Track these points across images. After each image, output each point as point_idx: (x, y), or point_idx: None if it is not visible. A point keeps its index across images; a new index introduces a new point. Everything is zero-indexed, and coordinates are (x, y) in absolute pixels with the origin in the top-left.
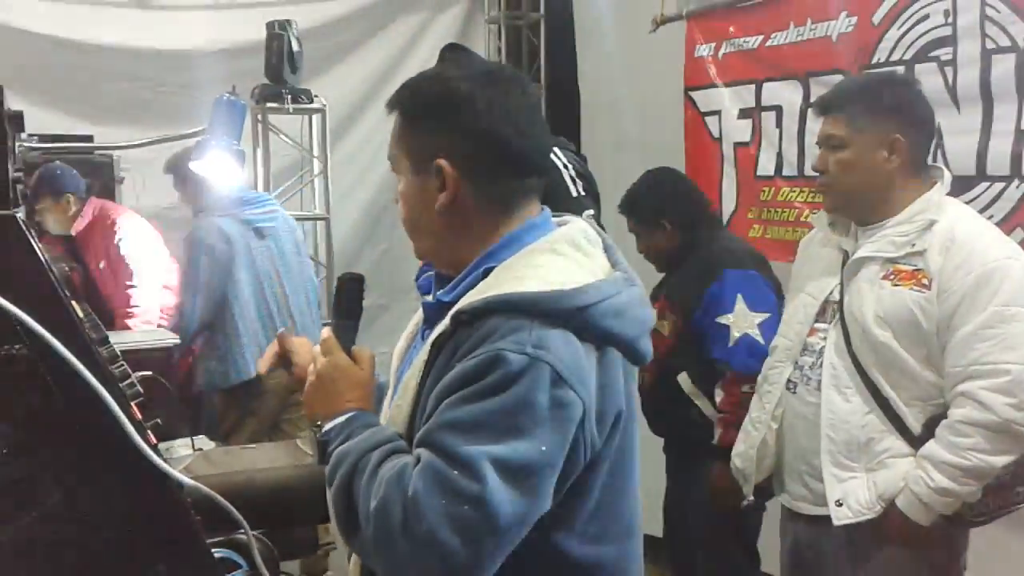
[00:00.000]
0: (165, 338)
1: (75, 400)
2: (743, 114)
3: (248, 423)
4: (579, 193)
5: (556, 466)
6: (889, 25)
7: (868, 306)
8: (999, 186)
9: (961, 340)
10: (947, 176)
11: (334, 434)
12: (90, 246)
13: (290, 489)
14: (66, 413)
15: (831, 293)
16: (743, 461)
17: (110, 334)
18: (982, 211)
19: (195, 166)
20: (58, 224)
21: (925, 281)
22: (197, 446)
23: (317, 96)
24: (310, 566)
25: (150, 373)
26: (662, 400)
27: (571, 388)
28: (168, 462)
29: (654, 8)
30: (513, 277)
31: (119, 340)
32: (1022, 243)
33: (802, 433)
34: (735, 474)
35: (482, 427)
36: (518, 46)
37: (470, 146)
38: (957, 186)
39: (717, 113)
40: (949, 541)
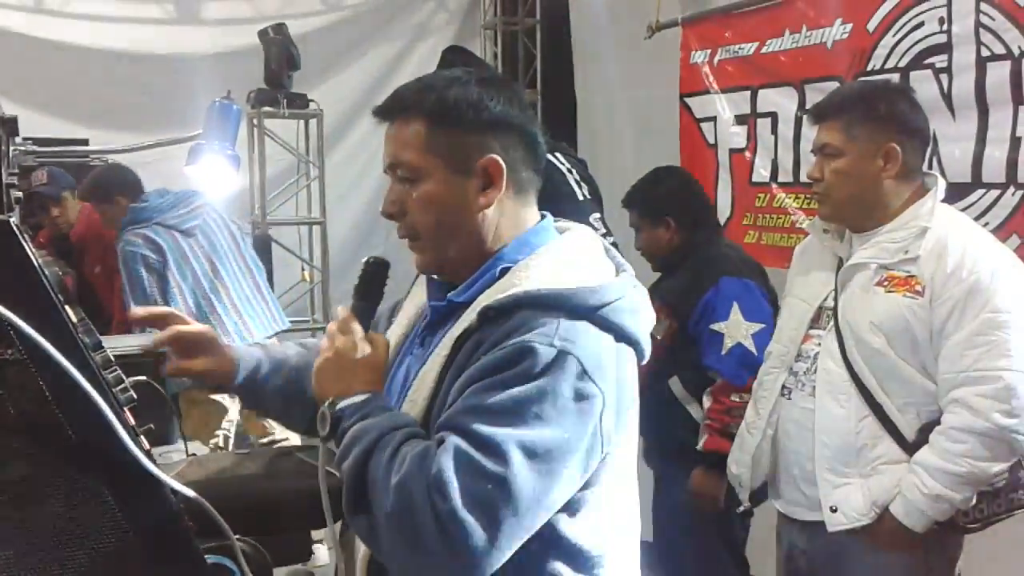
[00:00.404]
0: None
1: (68, 405)
2: (738, 120)
3: (212, 423)
4: (585, 197)
5: (578, 454)
6: (884, 32)
7: (862, 312)
8: (995, 193)
9: (954, 347)
10: (941, 183)
11: (350, 412)
12: (86, 250)
13: (284, 494)
14: (59, 418)
15: (825, 299)
16: (739, 467)
17: (104, 339)
18: (977, 218)
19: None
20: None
21: (918, 288)
22: (191, 451)
23: (313, 101)
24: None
25: (144, 378)
26: (651, 402)
27: (593, 381)
28: (161, 467)
29: (650, 14)
30: (534, 276)
31: (113, 345)
32: (1017, 250)
33: (797, 439)
34: (731, 480)
35: (508, 413)
36: (514, 52)
37: (513, 140)
38: (953, 193)
39: (712, 119)
40: (943, 547)
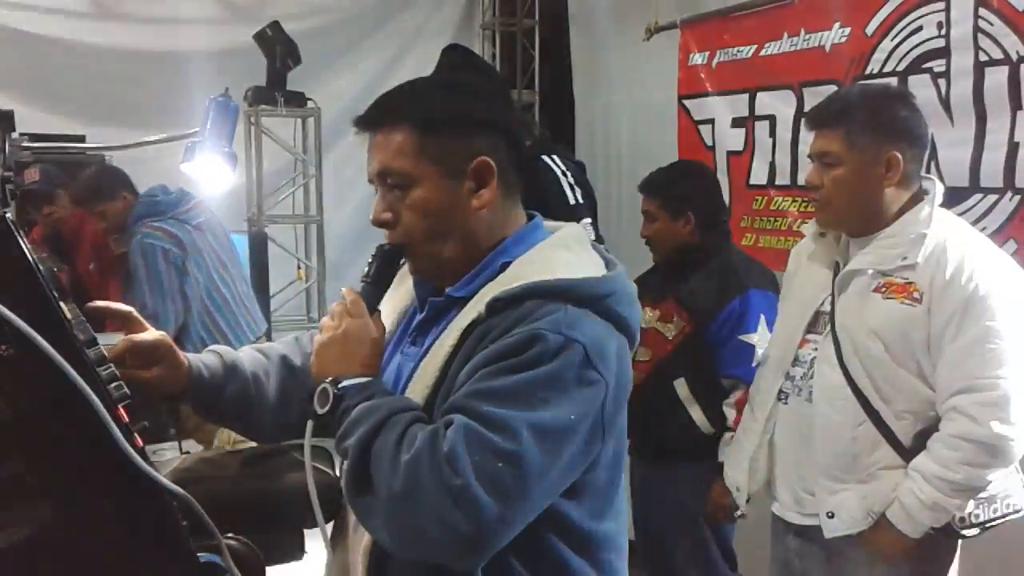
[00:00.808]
0: None
1: (61, 402)
2: (736, 123)
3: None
4: (577, 201)
5: (582, 437)
6: (883, 36)
7: (859, 318)
8: (992, 198)
9: (952, 354)
10: (939, 187)
11: (353, 391)
12: (80, 247)
13: (277, 493)
14: (52, 415)
15: (822, 304)
16: (736, 471)
17: (98, 336)
18: (975, 223)
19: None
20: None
21: (916, 294)
22: (184, 449)
23: (310, 99)
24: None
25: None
26: (650, 401)
27: (597, 369)
28: (154, 465)
29: (648, 16)
30: (538, 268)
31: (108, 342)
32: (1014, 254)
33: (793, 444)
34: (728, 484)
35: (516, 396)
36: (512, 53)
37: (499, 142)
38: (951, 198)
39: (710, 122)
40: (938, 553)
